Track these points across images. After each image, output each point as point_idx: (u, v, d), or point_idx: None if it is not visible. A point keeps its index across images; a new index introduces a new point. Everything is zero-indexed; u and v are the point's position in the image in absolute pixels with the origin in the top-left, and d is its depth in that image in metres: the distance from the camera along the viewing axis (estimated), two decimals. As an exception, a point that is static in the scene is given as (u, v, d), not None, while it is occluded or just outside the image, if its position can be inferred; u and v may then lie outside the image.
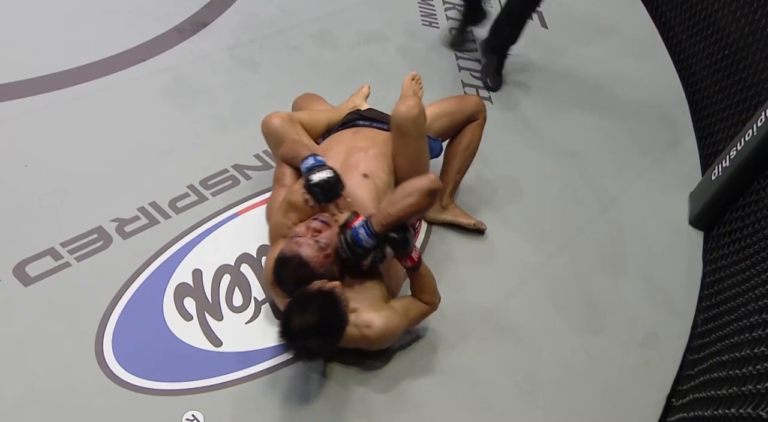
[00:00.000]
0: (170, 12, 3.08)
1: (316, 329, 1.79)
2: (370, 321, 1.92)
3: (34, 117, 2.49)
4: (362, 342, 1.95)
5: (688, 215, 2.84)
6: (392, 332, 1.97)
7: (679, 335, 2.42)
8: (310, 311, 1.78)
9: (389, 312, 1.97)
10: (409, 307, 2.06)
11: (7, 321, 1.93)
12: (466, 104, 2.48)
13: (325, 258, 1.92)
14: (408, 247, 1.98)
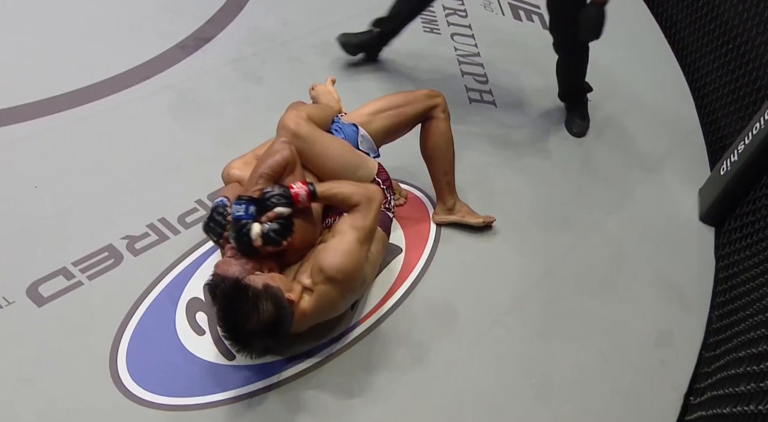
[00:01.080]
0: (173, 29, 3.11)
1: (267, 323, 1.75)
2: (321, 265, 1.86)
3: (42, 138, 2.52)
4: (337, 291, 1.90)
5: (699, 211, 2.83)
6: (349, 256, 1.89)
7: (695, 332, 2.41)
8: (251, 310, 1.74)
9: (329, 245, 1.91)
10: (344, 224, 1.97)
11: (22, 342, 1.95)
12: (415, 97, 2.39)
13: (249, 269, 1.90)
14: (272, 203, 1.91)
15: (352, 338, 2.13)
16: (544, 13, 3.84)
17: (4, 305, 2.00)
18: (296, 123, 2.12)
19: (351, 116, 2.37)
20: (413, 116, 2.39)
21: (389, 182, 2.31)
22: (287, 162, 2.02)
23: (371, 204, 2.00)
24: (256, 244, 1.90)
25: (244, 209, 1.92)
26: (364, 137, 2.31)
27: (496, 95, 3.23)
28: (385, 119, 2.35)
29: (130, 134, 2.62)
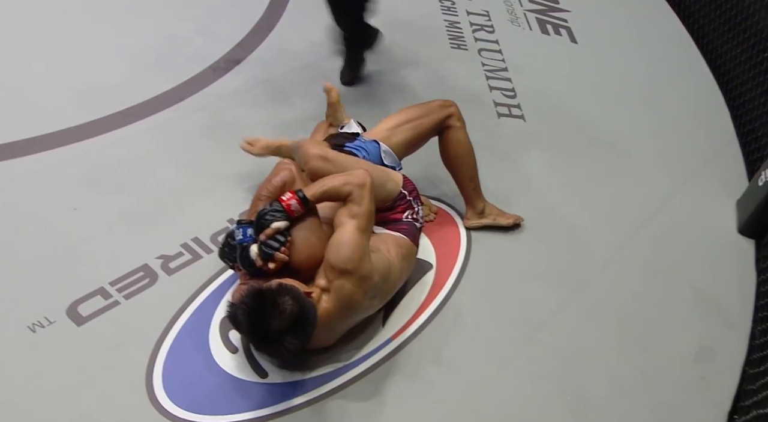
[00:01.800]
0: (205, 52, 3.18)
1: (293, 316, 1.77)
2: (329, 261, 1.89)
3: (81, 162, 2.59)
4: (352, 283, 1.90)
5: (737, 224, 2.76)
6: (352, 245, 1.90)
7: (737, 348, 2.34)
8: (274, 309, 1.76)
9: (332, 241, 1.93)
10: (342, 215, 1.98)
11: (62, 360, 1.99)
12: (430, 108, 2.44)
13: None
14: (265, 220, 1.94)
15: (383, 355, 2.12)
16: (572, 27, 3.85)
17: (46, 324, 2.05)
18: (321, 148, 2.22)
19: (371, 133, 2.43)
20: (431, 127, 2.44)
21: (416, 193, 2.33)
22: (284, 182, 2.08)
23: (363, 189, 2.00)
24: (258, 264, 1.94)
25: (242, 232, 1.98)
26: (386, 152, 2.36)
27: (525, 110, 3.22)
28: (405, 132, 2.40)
29: (165, 155, 2.67)
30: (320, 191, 2.01)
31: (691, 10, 4.04)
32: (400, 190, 2.27)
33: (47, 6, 3.27)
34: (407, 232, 2.22)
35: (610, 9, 4.12)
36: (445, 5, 3.85)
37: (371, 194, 2.02)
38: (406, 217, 2.27)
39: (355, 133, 2.43)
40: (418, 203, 2.32)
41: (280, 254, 1.93)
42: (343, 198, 2.01)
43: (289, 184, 2.10)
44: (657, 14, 4.11)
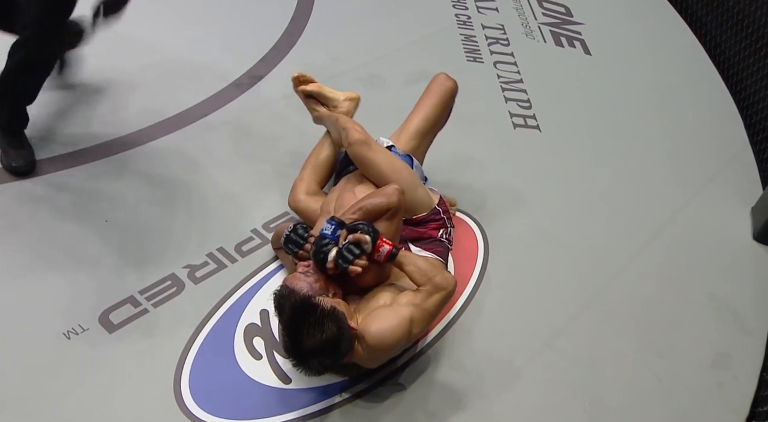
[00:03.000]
0: (229, 69, 3.22)
1: (328, 343, 1.77)
2: (365, 328, 1.85)
3: (112, 176, 2.62)
4: (377, 355, 1.90)
5: (752, 230, 2.73)
6: (393, 332, 1.85)
7: (753, 354, 2.31)
8: (315, 327, 1.75)
9: (382, 315, 1.89)
10: (406, 296, 1.94)
11: (95, 366, 2.01)
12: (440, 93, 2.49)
13: (317, 288, 1.93)
14: (366, 230, 1.93)
15: (404, 361, 2.12)
16: (585, 39, 3.84)
17: (80, 332, 2.08)
18: (365, 135, 2.26)
19: (401, 140, 2.42)
20: (446, 116, 2.51)
21: (449, 213, 2.34)
22: (390, 208, 2.05)
23: (439, 291, 1.94)
24: (329, 266, 1.94)
25: (332, 230, 1.98)
26: (417, 168, 2.39)
27: (540, 120, 3.21)
28: (430, 137, 2.46)
29: (191, 169, 2.70)
30: (410, 267, 1.97)
31: (703, 21, 4.02)
32: (434, 206, 2.27)
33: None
34: (442, 254, 2.22)
35: (623, 21, 4.10)
36: (461, 20, 3.86)
37: (445, 301, 1.97)
38: (441, 236, 2.26)
39: (390, 146, 2.42)
40: (450, 224, 2.33)
41: (354, 267, 1.92)
42: (418, 284, 1.96)
43: (393, 212, 2.05)
44: (669, 25, 4.09)
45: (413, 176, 2.29)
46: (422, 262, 2.01)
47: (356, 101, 2.56)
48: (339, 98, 2.52)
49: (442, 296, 1.96)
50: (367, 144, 2.25)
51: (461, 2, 4.01)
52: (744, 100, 3.47)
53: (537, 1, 4.14)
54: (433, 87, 2.52)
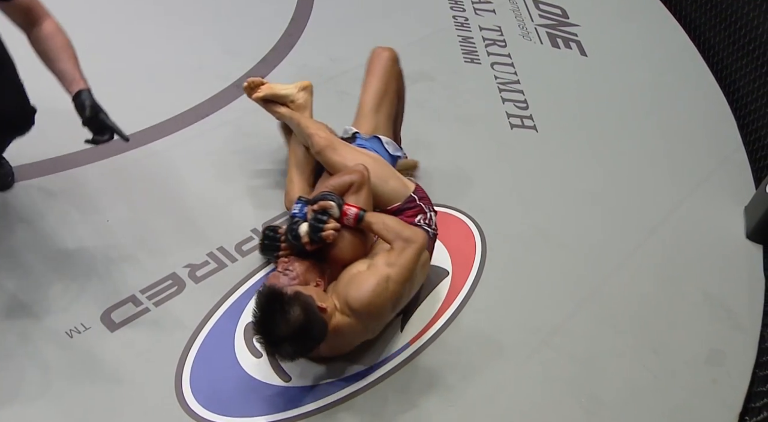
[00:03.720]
0: (229, 70, 3.21)
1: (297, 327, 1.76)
2: (345, 296, 1.88)
3: (113, 176, 2.61)
4: (363, 322, 1.91)
5: (745, 229, 2.74)
6: (374, 293, 1.88)
7: (746, 350, 2.32)
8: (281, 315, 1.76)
9: (360, 278, 1.91)
10: (380, 258, 1.96)
11: (97, 364, 2.01)
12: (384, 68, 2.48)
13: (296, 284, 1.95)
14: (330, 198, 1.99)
15: (402, 359, 2.13)
16: (581, 41, 3.84)
17: (82, 330, 2.07)
18: (327, 140, 2.28)
19: (360, 123, 2.45)
20: (396, 86, 2.50)
21: (428, 200, 2.32)
22: (353, 182, 2.10)
23: (410, 245, 1.98)
24: (304, 241, 1.98)
25: (300, 207, 2.06)
26: (388, 143, 2.42)
27: (537, 121, 3.21)
28: (385, 109, 2.46)
29: (191, 168, 2.70)
30: (378, 225, 2.02)
31: (697, 23, 4.02)
32: (409, 193, 2.26)
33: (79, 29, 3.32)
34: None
35: (619, 23, 4.11)
36: (459, 21, 3.86)
37: (418, 254, 1.99)
38: (419, 221, 2.24)
39: (354, 134, 2.43)
40: (430, 210, 2.31)
41: (327, 232, 1.97)
42: (389, 242, 2.00)
43: (357, 187, 2.10)
44: (664, 27, 4.09)
45: (384, 168, 2.29)
46: (390, 220, 2.05)
47: (309, 89, 2.55)
48: (293, 92, 2.50)
49: (414, 249, 1.97)
50: (332, 148, 2.26)
51: (459, 4, 4.01)
52: (737, 102, 3.47)
53: (533, 3, 4.14)
54: (371, 63, 2.54)
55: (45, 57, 1.93)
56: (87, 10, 3.44)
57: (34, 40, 1.94)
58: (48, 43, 1.91)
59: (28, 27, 1.94)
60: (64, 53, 1.93)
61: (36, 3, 1.94)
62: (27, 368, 1.96)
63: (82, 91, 1.91)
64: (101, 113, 1.94)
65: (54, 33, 1.93)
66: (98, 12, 3.44)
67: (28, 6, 1.92)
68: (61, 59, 1.91)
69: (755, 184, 2.98)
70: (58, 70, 1.92)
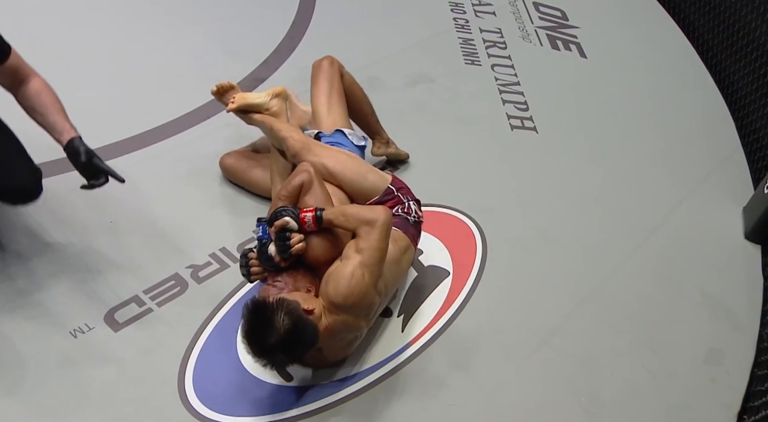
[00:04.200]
0: (231, 72, 3.20)
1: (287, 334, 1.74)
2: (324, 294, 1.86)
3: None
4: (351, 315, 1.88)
5: (744, 230, 2.73)
6: (352, 282, 1.84)
7: (745, 350, 2.31)
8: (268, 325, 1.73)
9: (335, 273, 1.88)
10: (350, 248, 1.93)
11: (101, 364, 2.01)
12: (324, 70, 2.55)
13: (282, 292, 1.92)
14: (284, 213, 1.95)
15: (403, 359, 2.13)
16: (581, 43, 3.84)
17: (86, 330, 2.08)
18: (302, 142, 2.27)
19: (321, 124, 2.47)
20: (340, 84, 2.55)
21: (406, 190, 2.31)
22: (302, 183, 2.08)
23: (374, 225, 1.92)
24: (277, 261, 1.95)
25: (262, 229, 2.01)
26: (351, 134, 2.45)
27: (537, 122, 3.21)
28: (337, 104, 2.51)
29: (194, 170, 2.70)
30: (338, 219, 1.97)
31: (696, 26, 4.02)
32: (387, 185, 2.26)
33: (81, 31, 3.33)
34: (399, 225, 2.17)
35: (618, 25, 4.10)
36: (459, 23, 3.86)
37: (385, 232, 1.94)
38: (396, 211, 2.22)
39: (316, 134, 2.43)
40: (408, 199, 2.28)
41: (295, 247, 1.93)
42: (353, 230, 1.96)
43: (307, 186, 2.09)
44: (662, 29, 4.09)
45: (360, 163, 2.31)
46: (350, 209, 2.02)
47: (283, 95, 2.51)
48: (266, 101, 2.46)
49: (379, 228, 1.91)
50: (307, 149, 2.25)
51: (459, 6, 4.01)
52: (735, 103, 3.47)
53: (534, 6, 4.14)
54: (312, 74, 2.60)
55: (34, 112, 1.96)
56: (89, 13, 3.45)
57: (22, 97, 1.97)
58: (37, 99, 1.96)
59: (15, 87, 1.97)
60: (52, 107, 1.97)
61: (23, 62, 1.97)
62: (32, 367, 1.97)
63: (74, 139, 1.94)
64: (95, 157, 1.96)
65: (42, 89, 1.97)
66: (100, 15, 3.45)
67: (17, 66, 1.95)
68: (50, 113, 1.95)
69: (753, 184, 2.97)
70: (48, 123, 1.95)
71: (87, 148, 1.95)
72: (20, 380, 1.93)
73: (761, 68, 3.26)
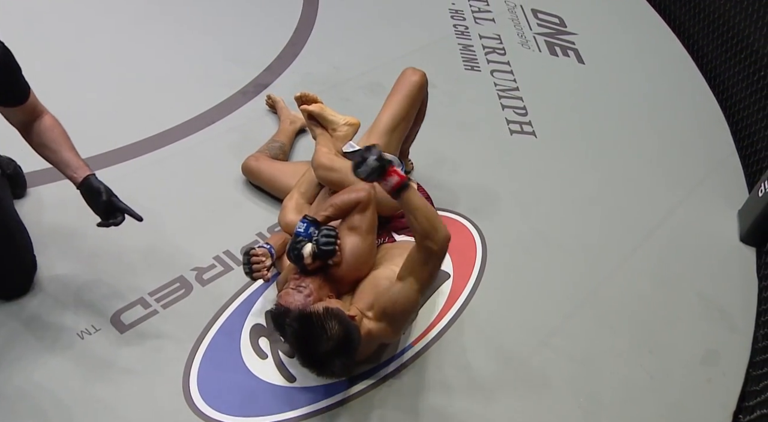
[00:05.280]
0: (235, 77, 3.22)
1: (339, 340, 1.75)
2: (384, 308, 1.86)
3: (124, 181, 2.58)
4: (384, 326, 1.89)
5: (739, 232, 2.73)
6: (408, 302, 1.88)
7: (740, 351, 2.31)
8: (321, 333, 1.74)
9: (392, 290, 1.88)
10: (407, 269, 1.89)
11: (107, 366, 2.01)
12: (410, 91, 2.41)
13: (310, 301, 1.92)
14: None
15: (405, 359, 2.12)
16: (579, 49, 3.84)
17: (93, 332, 2.07)
18: (329, 159, 2.24)
19: (371, 139, 2.39)
20: (415, 111, 2.45)
21: (429, 200, 2.36)
22: (360, 201, 2.06)
23: (433, 259, 1.88)
24: (306, 262, 1.95)
25: (305, 227, 2.00)
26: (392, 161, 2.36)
27: (536, 126, 3.21)
28: (401, 132, 2.40)
29: (199, 174, 2.70)
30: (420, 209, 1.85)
31: (691, 32, 4.02)
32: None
33: (87, 38, 3.33)
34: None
35: (615, 31, 4.11)
36: (459, 30, 3.86)
37: (444, 253, 1.90)
38: None
39: (357, 150, 2.40)
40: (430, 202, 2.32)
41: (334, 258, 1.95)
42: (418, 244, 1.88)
43: (363, 206, 2.06)
44: (659, 36, 4.09)
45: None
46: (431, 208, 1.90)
47: (356, 127, 2.47)
48: (339, 122, 2.44)
49: (443, 249, 1.87)
50: (331, 169, 2.24)
51: (459, 13, 4.02)
52: (730, 108, 3.47)
53: (532, 12, 4.15)
54: (399, 83, 2.47)
55: (45, 149, 1.92)
56: (96, 19, 3.45)
57: (35, 134, 1.92)
58: (48, 134, 1.92)
59: (29, 124, 1.93)
60: (65, 144, 1.92)
61: (37, 99, 1.94)
62: (39, 368, 1.96)
63: (90, 177, 1.90)
64: (113, 196, 1.92)
65: (53, 125, 1.94)
66: (107, 21, 3.45)
67: (34, 105, 1.92)
68: (63, 149, 1.90)
69: (748, 188, 2.97)
70: (61, 160, 1.90)
71: (106, 187, 1.90)
72: (28, 380, 1.93)
73: (755, 74, 3.26)
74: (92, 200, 1.90)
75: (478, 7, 4.10)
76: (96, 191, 1.88)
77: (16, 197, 2.41)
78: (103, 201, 1.88)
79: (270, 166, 2.59)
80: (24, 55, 2.04)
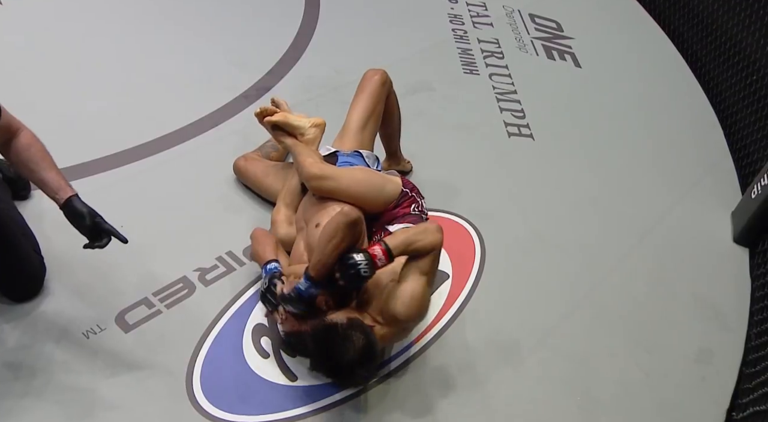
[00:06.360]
0: (237, 81, 3.22)
1: (364, 349, 1.76)
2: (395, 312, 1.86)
3: (128, 183, 2.61)
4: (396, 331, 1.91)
5: (732, 233, 2.74)
6: (420, 302, 1.87)
7: (734, 349, 2.32)
8: (346, 343, 1.75)
9: (401, 292, 1.86)
10: (413, 269, 1.89)
11: (112, 364, 2.01)
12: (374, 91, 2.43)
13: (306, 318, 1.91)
14: (359, 274, 1.82)
15: (405, 359, 2.12)
16: (576, 53, 3.85)
17: (98, 331, 2.08)
18: (319, 168, 2.22)
19: (344, 141, 2.43)
20: (382, 108, 2.48)
21: (416, 190, 2.35)
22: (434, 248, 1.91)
23: (435, 254, 1.90)
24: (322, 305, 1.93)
25: (306, 287, 1.88)
26: (368, 157, 2.41)
27: (534, 129, 3.21)
28: (370, 128, 2.44)
29: (202, 176, 2.70)
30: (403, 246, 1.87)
31: (685, 37, 4.03)
32: (400, 189, 2.28)
33: (89, 41, 3.33)
34: (415, 222, 2.20)
35: (611, 36, 4.11)
36: (458, 34, 3.87)
37: (439, 252, 1.91)
38: (414, 210, 2.26)
39: (334, 152, 2.41)
40: (421, 197, 2.34)
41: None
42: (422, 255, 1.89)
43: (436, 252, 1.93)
44: (654, 41, 4.10)
45: (377, 178, 2.29)
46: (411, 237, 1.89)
47: (322, 126, 2.47)
48: (305, 126, 2.42)
49: (438, 250, 1.90)
50: (323, 178, 2.20)
51: (458, 18, 4.02)
52: (723, 111, 3.48)
53: (530, 17, 4.15)
54: (362, 83, 2.50)
55: (25, 167, 1.83)
56: (99, 23, 3.45)
57: (12, 153, 1.83)
58: (27, 153, 1.81)
59: (6, 143, 1.84)
60: (44, 162, 1.82)
61: (11, 116, 1.84)
62: (44, 367, 1.96)
63: (73, 199, 1.82)
64: (98, 217, 1.85)
65: (32, 142, 1.83)
66: (110, 25, 3.45)
67: (8, 123, 1.82)
68: (43, 168, 1.81)
69: (741, 190, 2.98)
70: (42, 179, 1.81)
71: (89, 209, 1.83)
72: (33, 380, 1.93)
73: (747, 78, 3.27)
74: (76, 222, 1.83)
75: (477, 12, 4.10)
76: (79, 214, 1.81)
77: (20, 198, 2.41)
78: (86, 225, 1.82)
79: (256, 167, 2.58)
80: (28, 58, 2.04)
